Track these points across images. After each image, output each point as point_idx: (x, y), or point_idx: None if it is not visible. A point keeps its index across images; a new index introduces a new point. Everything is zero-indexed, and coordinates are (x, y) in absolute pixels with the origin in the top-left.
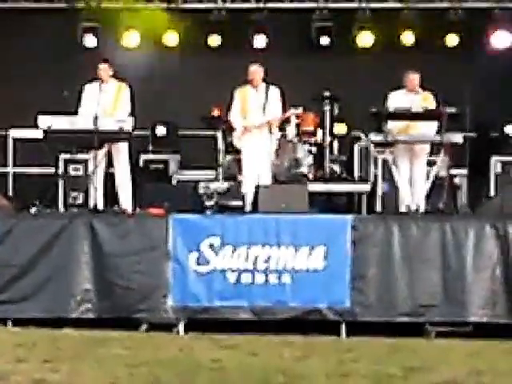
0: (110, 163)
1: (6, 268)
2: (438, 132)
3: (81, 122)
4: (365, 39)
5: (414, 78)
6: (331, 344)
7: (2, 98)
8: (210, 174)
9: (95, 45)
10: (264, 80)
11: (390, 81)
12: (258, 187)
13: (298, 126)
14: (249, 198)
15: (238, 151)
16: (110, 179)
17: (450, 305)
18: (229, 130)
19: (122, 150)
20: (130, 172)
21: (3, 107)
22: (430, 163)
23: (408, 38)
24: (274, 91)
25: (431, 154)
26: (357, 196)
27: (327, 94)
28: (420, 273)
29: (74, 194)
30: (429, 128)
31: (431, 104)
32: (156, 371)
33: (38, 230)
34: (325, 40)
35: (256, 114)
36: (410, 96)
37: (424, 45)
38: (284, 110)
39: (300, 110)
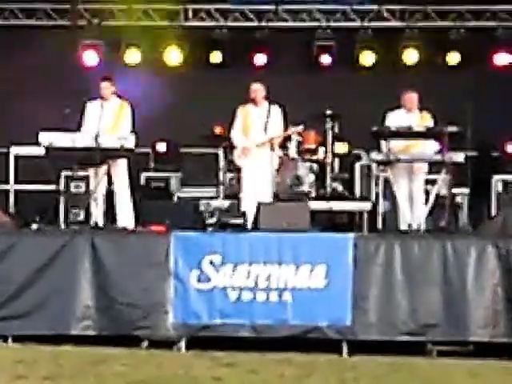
0: (110, 181)
1: (6, 284)
2: (440, 151)
3: (82, 138)
4: (366, 58)
5: (411, 96)
6: (332, 363)
7: (3, 115)
8: (212, 191)
9: (96, 62)
10: (266, 98)
11: (392, 100)
12: (259, 205)
13: (299, 143)
14: (249, 216)
15: (238, 169)
16: (111, 197)
17: (451, 324)
18: (230, 147)
19: (121, 168)
20: (129, 189)
21: (4, 124)
22: (432, 182)
23: (409, 56)
24: (276, 110)
25: (433, 172)
26: (358, 214)
27: (329, 112)
28: (421, 292)
29: (75, 210)
30: (429, 146)
31: (429, 123)
32: None
33: (39, 247)
34: (326, 59)
35: (258, 133)
36: (408, 115)
37: (425, 64)
38: (285, 129)
39: (301, 128)
